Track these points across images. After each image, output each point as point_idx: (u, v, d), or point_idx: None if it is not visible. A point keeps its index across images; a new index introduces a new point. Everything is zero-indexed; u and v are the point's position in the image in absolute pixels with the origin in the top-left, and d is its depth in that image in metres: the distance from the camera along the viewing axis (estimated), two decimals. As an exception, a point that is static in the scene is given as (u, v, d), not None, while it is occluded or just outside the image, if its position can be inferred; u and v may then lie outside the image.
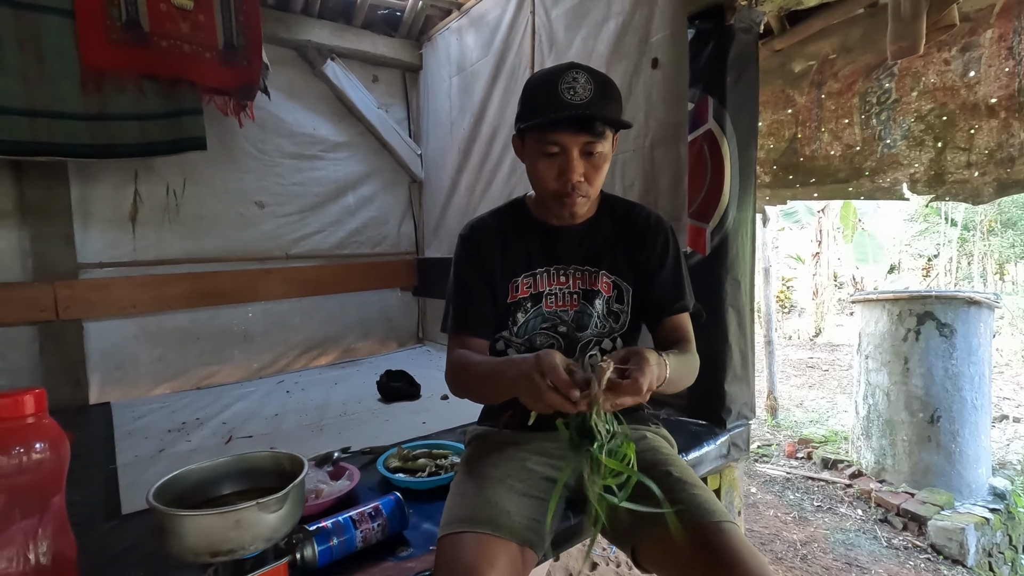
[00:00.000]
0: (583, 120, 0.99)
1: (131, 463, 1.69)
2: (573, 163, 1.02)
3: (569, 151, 1.02)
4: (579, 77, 1.00)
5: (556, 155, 1.04)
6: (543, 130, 1.03)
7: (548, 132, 1.02)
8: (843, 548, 2.67)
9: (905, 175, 2.38)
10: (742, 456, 1.79)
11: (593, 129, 1.00)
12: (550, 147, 1.03)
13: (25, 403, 0.90)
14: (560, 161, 1.04)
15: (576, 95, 0.99)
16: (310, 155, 3.07)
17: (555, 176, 1.05)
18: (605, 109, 1.01)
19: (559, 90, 1.00)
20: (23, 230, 2.27)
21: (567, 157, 1.03)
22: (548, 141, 1.02)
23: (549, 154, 1.04)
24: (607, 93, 1.02)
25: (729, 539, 0.86)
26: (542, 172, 1.06)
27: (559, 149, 1.02)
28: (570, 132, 1.01)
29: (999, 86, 2.08)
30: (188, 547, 0.80)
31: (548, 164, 1.05)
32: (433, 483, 1.33)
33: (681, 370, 1.02)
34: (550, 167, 1.05)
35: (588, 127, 1.00)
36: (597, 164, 1.05)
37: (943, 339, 2.96)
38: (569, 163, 1.03)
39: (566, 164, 1.03)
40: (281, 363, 3.00)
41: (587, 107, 0.98)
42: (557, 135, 1.01)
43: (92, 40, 2.03)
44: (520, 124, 1.08)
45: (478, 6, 2.80)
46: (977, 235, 8.37)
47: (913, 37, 1.20)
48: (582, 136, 1.01)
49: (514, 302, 1.15)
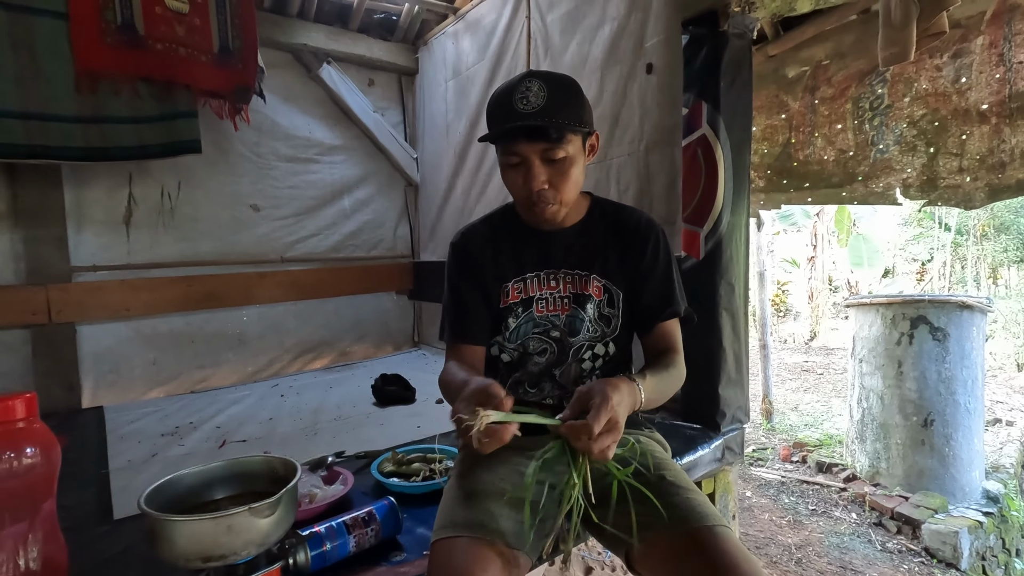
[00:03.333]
0: (535, 128, 1.00)
1: (123, 467, 1.68)
2: (534, 171, 1.03)
3: (529, 160, 1.03)
4: (532, 86, 1.01)
5: (519, 165, 1.05)
6: (501, 142, 1.05)
7: (508, 143, 1.04)
8: (838, 552, 2.67)
9: (898, 180, 2.40)
10: (736, 460, 1.79)
11: (547, 135, 1.01)
12: (511, 158, 1.05)
13: (16, 407, 0.89)
14: (523, 170, 1.05)
15: (528, 104, 1.00)
16: (305, 158, 3.06)
17: (520, 185, 1.06)
18: (559, 114, 1.01)
19: (512, 101, 1.01)
20: (16, 233, 2.26)
21: (528, 166, 1.04)
22: (508, 152, 1.05)
23: (512, 164, 1.06)
24: (563, 97, 1.03)
25: (723, 543, 0.86)
26: (509, 182, 1.09)
27: (519, 159, 1.04)
28: (526, 141, 1.02)
29: (990, 92, 2.10)
30: (180, 552, 0.79)
31: (513, 174, 1.07)
32: (427, 488, 1.33)
33: (661, 387, 1.02)
34: (515, 177, 1.07)
35: (542, 134, 1.01)
36: (562, 169, 1.05)
37: (936, 343, 2.98)
38: (530, 171, 1.04)
39: (528, 173, 1.04)
40: (276, 367, 2.99)
41: (539, 115, 0.99)
42: (515, 145, 1.03)
43: (86, 43, 2.03)
44: (480, 139, 1.09)
45: (474, 11, 2.81)
46: (971, 239, 8.42)
47: (904, 44, 1.21)
48: (538, 144, 1.02)
49: (506, 307, 1.16)
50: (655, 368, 1.06)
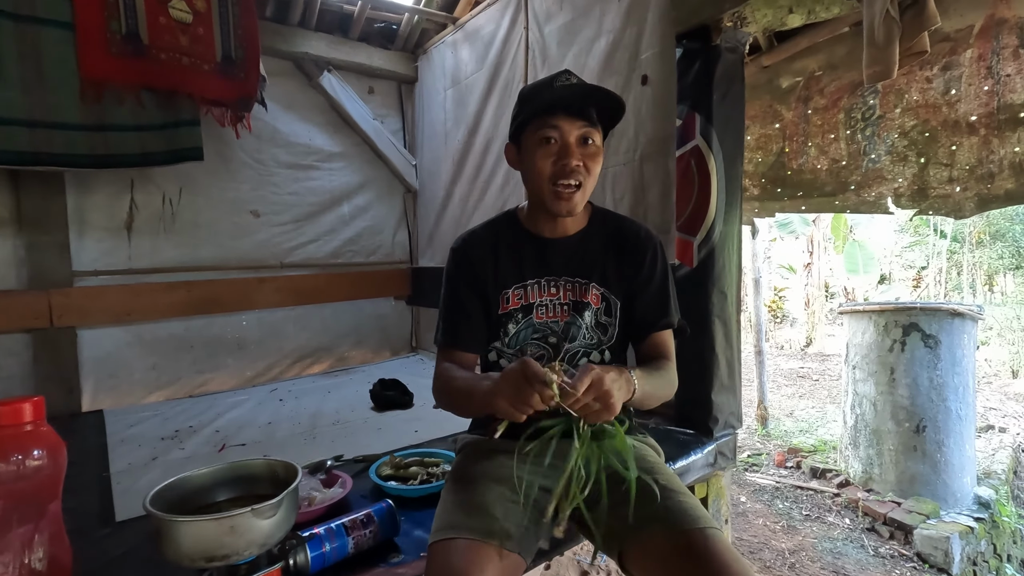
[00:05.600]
0: (579, 105, 1.04)
1: (124, 471, 1.70)
2: (571, 148, 1.06)
3: (567, 136, 1.06)
4: (572, 77, 1.08)
5: (553, 143, 1.07)
6: (541, 115, 1.07)
7: (546, 117, 1.06)
8: (831, 557, 2.70)
9: (889, 189, 2.44)
10: (729, 465, 1.82)
11: (589, 116, 1.05)
12: (549, 131, 1.06)
13: (24, 411, 0.92)
14: (558, 147, 1.07)
15: (572, 86, 1.06)
16: (306, 165, 3.09)
17: (553, 161, 1.07)
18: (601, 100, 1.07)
19: (554, 82, 1.07)
20: (19, 238, 2.28)
21: (564, 142, 1.06)
22: (547, 125, 1.06)
23: (547, 139, 1.07)
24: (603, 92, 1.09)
25: (715, 545, 0.89)
26: (539, 161, 1.08)
27: (557, 135, 1.06)
28: (567, 116, 1.05)
29: (979, 104, 2.14)
30: (184, 552, 0.82)
31: (546, 151, 1.08)
32: (424, 491, 1.35)
33: (654, 383, 1.05)
34: (547, 153, 1.08)
35: (584, 113, 1.05)
36: (593, 155, 1.09)
37: (928, 350, 3.01)
38: (567, 148, 1.06)
39: (564, 149, 1.06)
40: (275, 371, 3.01)
41: (582, 95, 1.05)
42: (555, 119, 1.05)
43: (92, 52, 2.06)
44: (518, 118, 1.11)
45: (473, 21, 2.85)
46: (966, 247, 8.48)
47: (886, 63, 1.25)
48: (578, 121, 1.06)
49: (505, 313, 1.18)
50: (647, 367, 1.09)
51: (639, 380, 0.97)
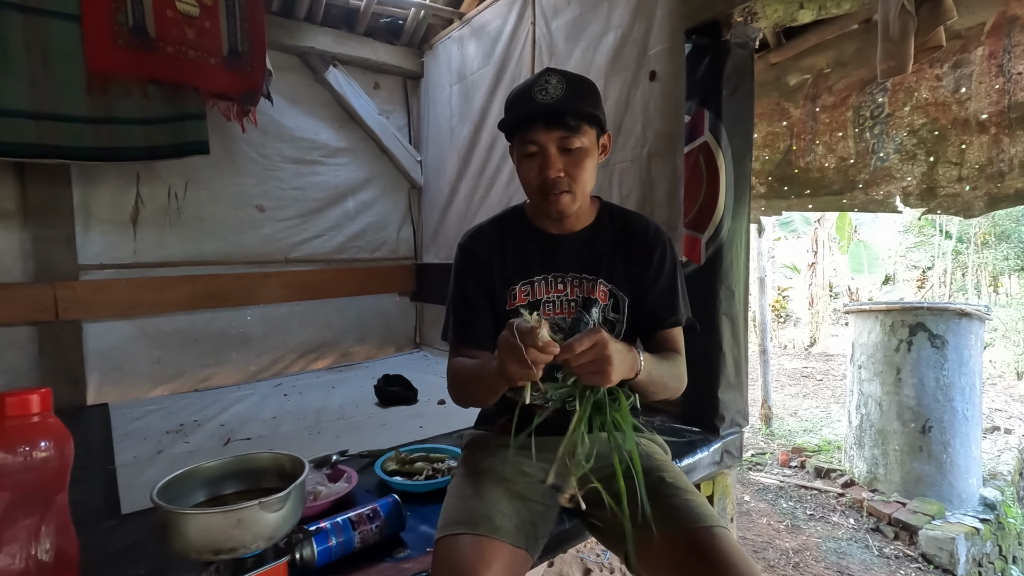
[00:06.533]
0: (552, 115, 1.04)
1: (129, 464, 1.70)
2: (551, 159, 1.06)
3: (546, 148, 1.06)
4: (551, 79, 1.06)
5: (535, 154, 1.08)
6: (519, 131, 1.08)
7: (525, 132, 1.07)
8: (835, 557, 2.68)
9: (898, 188, 2.42)
10: (735, 463, 1.81)
11: (565, 123, 1.04)
12: (529, 147, 1.08)
13: (31, 402, 0.91)
14: (539, 159, 1.08)
15: (547, 95, 1.04)
16: (311, 160, 3.09)
17: (536, 174, 1.09)
18: (577, 104, 1.05)
19: (532, 92, 1.06)
20: (25, 231, 2.29)
21: (545, 154, 1.07)
22: (526, 140, 1.08)
23: (529, 154, 1.09)
24: (579, 91, 1.07)
25: (721, 543, 0.88)
26: (525, 172, 1.11)
27: (537, 147, 1.07)
28: (543, 129, 1.05)
29: (989, 102, 2.12)
30: (191, 545, 0.81)
31: (530, 164, 1.09)
32: (430, 486, 1.35)
33: (661, 370, 1.04)
34: (531, 166, 1.09)
35: (559, 122, 1.04)
36: (578, 159, 1.08)
37: (935, 350, 2.99)
38: (547, 159, 1.07)
39: (544, 160, 1.07)
40: (279, 366, 3.01)
41: (557, 104, 1.03)
42: (532, 133, 1.06)
43: (99, 45, 2.05)
44: (502, 128, 1.12)
45: (479, 16, 2.84)
46: (971, 247, 8.44)
47: (901, 57, 1.24)
48: (555, 132, 1.05)
49: (512, 309, 1.17)
50: (657, 356, 1.08)
51: (646, 363, 0.97)
